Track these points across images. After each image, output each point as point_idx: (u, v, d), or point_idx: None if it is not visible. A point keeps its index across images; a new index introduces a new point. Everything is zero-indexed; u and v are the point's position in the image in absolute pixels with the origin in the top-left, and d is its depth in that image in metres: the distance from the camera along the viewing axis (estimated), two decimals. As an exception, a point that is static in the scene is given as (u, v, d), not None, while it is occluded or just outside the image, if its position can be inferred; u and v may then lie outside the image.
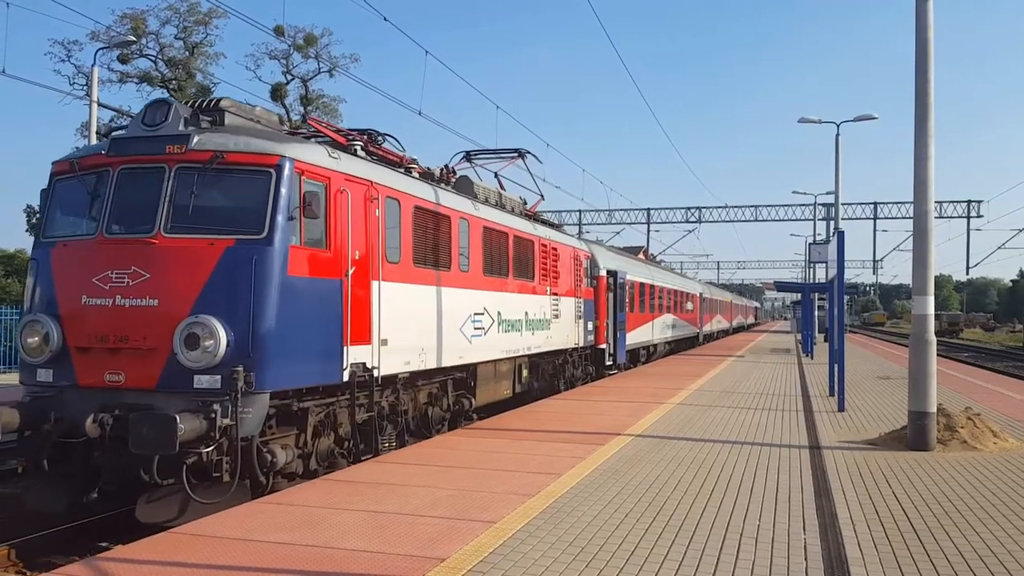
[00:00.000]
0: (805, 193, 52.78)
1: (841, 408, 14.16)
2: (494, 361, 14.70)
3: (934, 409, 10.30)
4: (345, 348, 9.28)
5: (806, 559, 5.80)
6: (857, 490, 7.91)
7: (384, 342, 10.19)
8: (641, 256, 47.59)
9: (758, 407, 14.79)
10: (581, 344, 20.51)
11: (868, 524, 6.67)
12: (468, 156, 17.64)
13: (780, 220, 56.53)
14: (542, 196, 20.04)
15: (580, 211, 58.10)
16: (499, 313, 14.57)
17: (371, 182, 10.09)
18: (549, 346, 17.78)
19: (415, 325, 11.23)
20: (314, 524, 6.63)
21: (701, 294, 47.39)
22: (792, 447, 10.47)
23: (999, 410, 14.20)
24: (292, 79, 43.26)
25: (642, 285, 28.67)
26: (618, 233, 59.43)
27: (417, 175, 12.51)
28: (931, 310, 10.48)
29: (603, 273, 22.50)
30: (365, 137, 11.47)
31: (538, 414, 13.67)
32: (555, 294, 18.12)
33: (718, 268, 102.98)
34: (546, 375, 18.39)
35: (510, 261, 15.36)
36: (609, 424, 12.24)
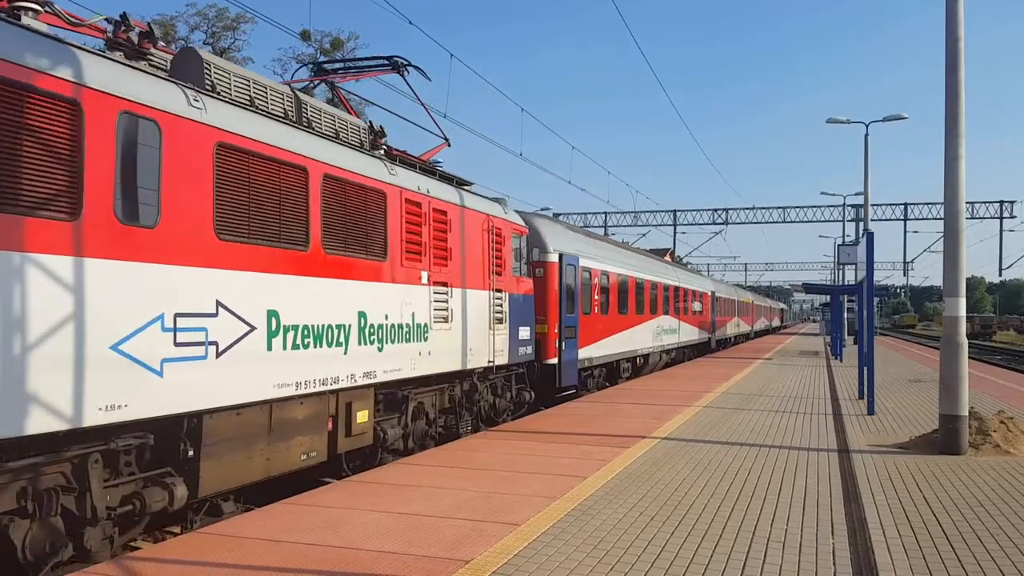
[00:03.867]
0: (834, 194, 52.43)
1: (871, 411, 13.99)
2: (263, 403, 7.98)
3: (966, 412, 10.15)
4: None
5: (834, 564, 5.73)
6: (887, 494, 7.80)
7: None
8: (667, 258, 46.97)
9: (786, 410, 14.65)
10: (506, 360, 14.05)
11: (898, 529, 6.58)
12: (320, 68, 12.27)
13: (809, 222, 56.19)
14: (446, 140, 13.55)
15: (606, 213, 58.17)
16: (276, 314, 8.07)
17: None
18: (427, 368, 11.20)
19: None
20: (340, 525, 6.66)
21: (714, 292, 41.61)
22: (821, 451, 10.36)
23: (1033, 414, 13.95)
24: (319, 83, 43.76)
25: (622, 279, 22.52)
26: (644, 235, 59.31)
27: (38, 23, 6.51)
28: (963, 312, 10.33)
29: (553, 259, 16.57)
30: None
31: (563, 417, 13.64)
32: (441, 283, 11.59)
33: (745, 270, 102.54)
34: (430, 412, 11.87)
35: (314, 220, 8.71)
36: (634, 427, 12.19)
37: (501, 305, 13.81)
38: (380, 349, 10.05)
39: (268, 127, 8.30)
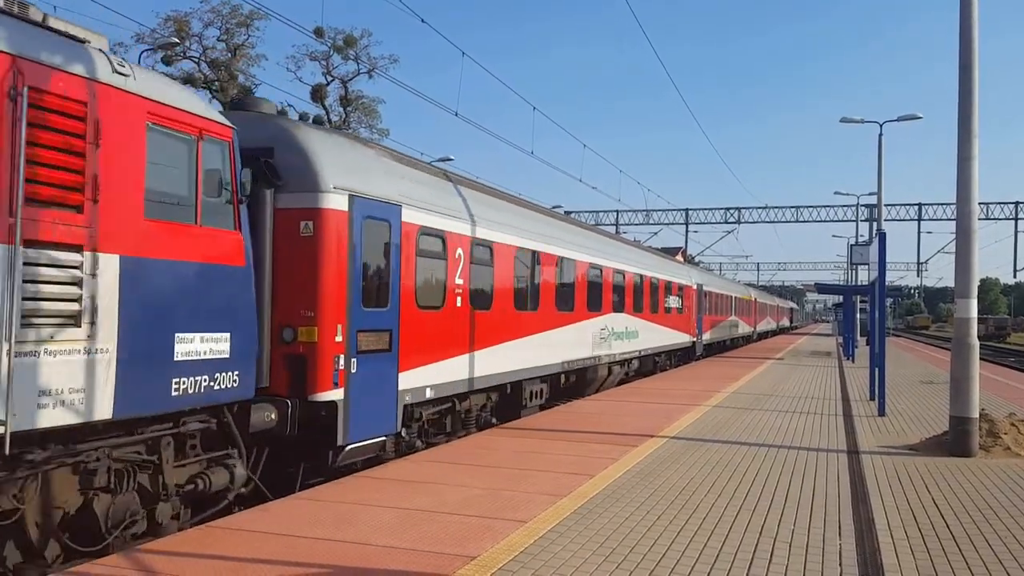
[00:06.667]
0: (847, 194, 52.24)
1: (882, 412, 13.95)
2: None
3: (976, 414, 10.11)
4: None
5: (841, 565, 5.73)
6: (895, 496, 7.79)
7: None
8: (679, 257, 46.68)
9: (796, 411, 14.62)
10: (107, 413, 6.08)
11: (906, 531, 6.57)
12: None
13: (822, 221, 56.03)
14: None
15: (617, 211, 58.06)
16: None
17: None
18: None
19: None
20: (349, 520, 6.71)
21: (700, 286, 33.19)
22: (830, 451, 10.34)
23: (1046, 416, 13.86)
24: (332, 80, 43.93)
25: (527, 257, 14.57)
26: (655, 234, 59.19)
27: None
28: (974, 313, 10.29)
29: (334, 203, 8.85)
30: None
31: (571, 415, 13.66)
32: None
33: (758, 269, 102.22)
34: None
35: None
36: (643, 426, 12.19)
37: (78, 283, 5.91)
38: None
39: None
